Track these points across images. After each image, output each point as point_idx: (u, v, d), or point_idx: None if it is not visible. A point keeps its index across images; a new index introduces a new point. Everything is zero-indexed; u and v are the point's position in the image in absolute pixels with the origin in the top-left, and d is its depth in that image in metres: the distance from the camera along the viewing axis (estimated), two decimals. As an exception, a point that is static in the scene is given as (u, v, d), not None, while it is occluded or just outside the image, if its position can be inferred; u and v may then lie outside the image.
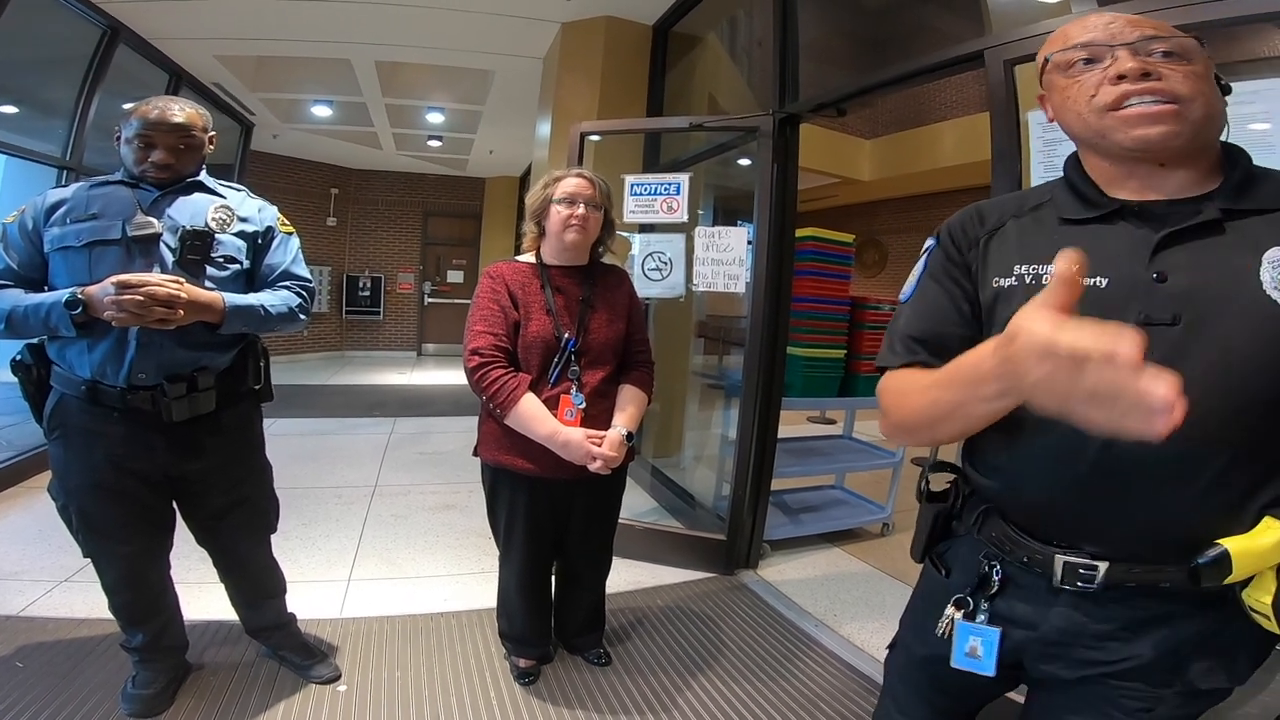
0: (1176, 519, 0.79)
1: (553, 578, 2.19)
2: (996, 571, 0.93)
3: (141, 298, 1.45)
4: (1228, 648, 0.83)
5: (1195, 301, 0.77)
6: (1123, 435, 0.58)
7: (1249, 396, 0.76)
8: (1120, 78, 0.81)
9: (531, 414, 1.76)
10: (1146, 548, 0.82)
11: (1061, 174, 0.95)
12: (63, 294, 1.49)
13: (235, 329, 1.66)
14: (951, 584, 0.98)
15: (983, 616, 0.93)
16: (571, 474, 1.83)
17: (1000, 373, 0.66)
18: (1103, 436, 0.64)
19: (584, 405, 1.84)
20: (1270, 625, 0.77)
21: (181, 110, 1.65)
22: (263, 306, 1.69)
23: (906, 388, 0.89)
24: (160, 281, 1.48)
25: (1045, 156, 1.71)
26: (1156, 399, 0.54)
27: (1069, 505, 0.85)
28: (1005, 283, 0.89)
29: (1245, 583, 0.78)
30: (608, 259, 2.09)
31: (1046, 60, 0.91)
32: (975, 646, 0.93)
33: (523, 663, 2.11)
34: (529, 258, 1.96)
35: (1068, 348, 0.57)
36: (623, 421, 1.88)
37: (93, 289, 1.49)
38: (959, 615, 0.94)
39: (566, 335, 1.85)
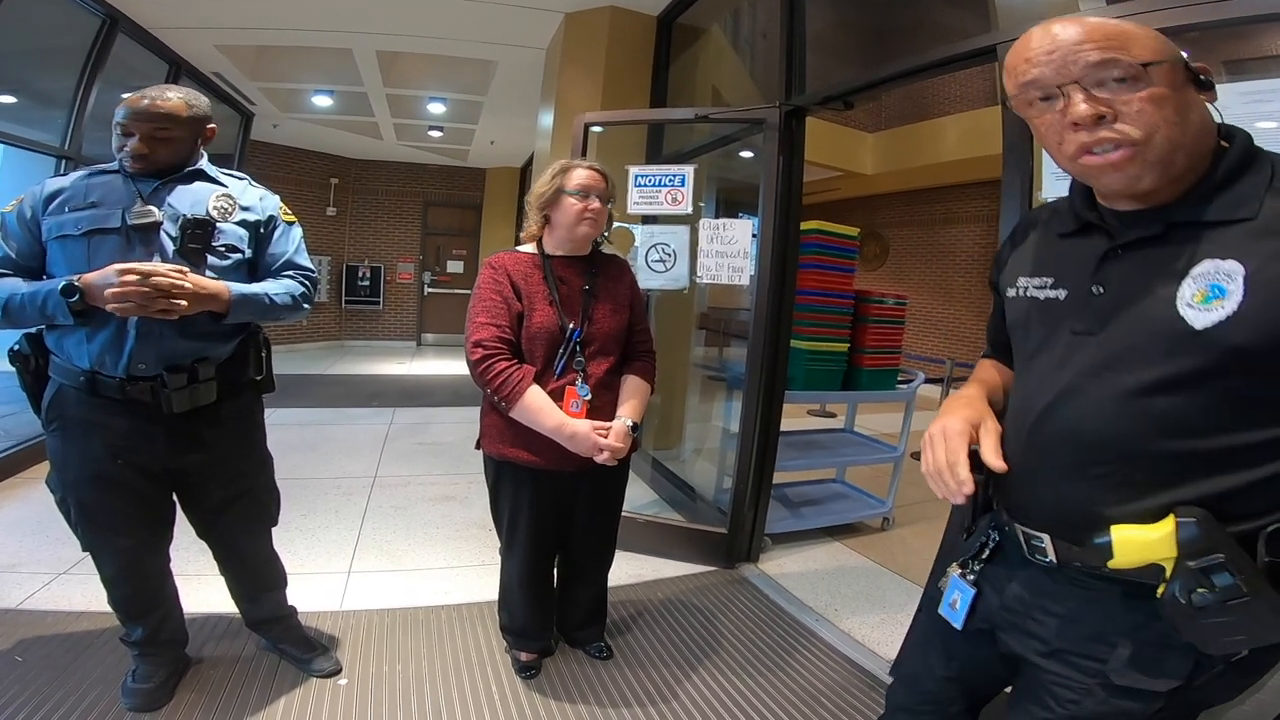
0: (1077, 500, 0.87)
1: (554, 570, 2.18)
2: (992, 539, 1.03)
3: (147, 288, 1.43)
4: (1153, 643, 0.83)
5: (1115, 314, 0.84)
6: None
7: (1145, 404, 0.80)
8: (1076, 125, 0.79)
9: (538, 406, 1.75)
10: (1061, 525, 0.89)
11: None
12: (59, 281, 1.47)
13: (240, 319, 1.65)
14: (966, 546, 1.08)
15: (971, 576, 1.03)
16: (576, 466, 1.83)
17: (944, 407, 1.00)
18: (1042, 404, 0.89)
19: (589, 396, 1.83)
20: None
21: (172, 100, 1.61)
22: (267, 295, 1.68)
23: (976, 374, 1.15)
24: (165, 271, 1.46)
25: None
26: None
27: (1019, 470, 0.91)
28: (1010, 294, 1.02)
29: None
30: (608, 249, 2.07)
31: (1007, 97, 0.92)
32: (956, 600, 1.04)
33: (524, 656, 2.10)
34: (530, 248, 1.95)
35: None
36: (627, 412, 1.88)
37: (91, 276, 1.46)
38: (958, 572, 1.05)
39: (571, 326, 1.84)
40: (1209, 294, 0.75)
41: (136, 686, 1.79)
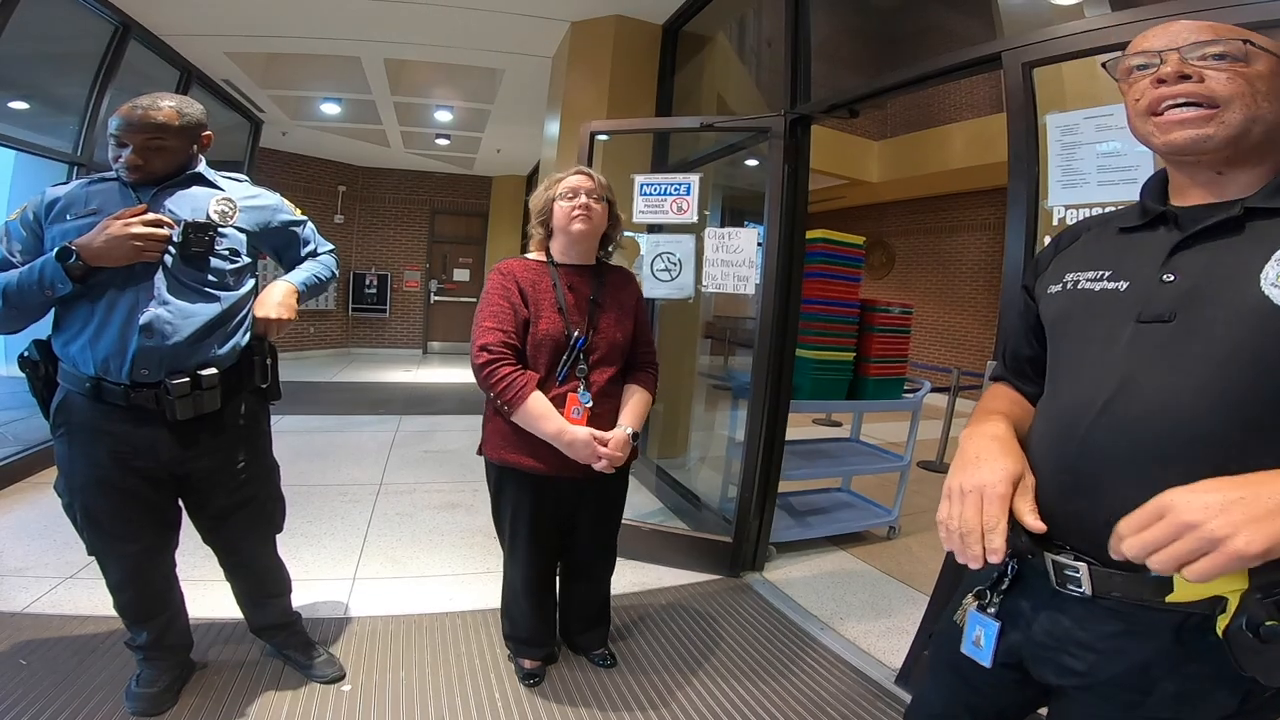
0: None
1: (557, 577, 2.19)
2: (1011, 568, 0.96)
3: (145, 227, 1.52)
4: (1204, 677, 0.79)
5: (1193, 299, 0.80)
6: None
7: (1226, 387, 0.76)
8: (1161, 81, 0.82)
9: (539, 412, 1.77)
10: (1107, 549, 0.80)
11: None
12: (54, 251, 1.49)
13: (304, 302, 1.87)
14: (980, 576, 0.99)
15: (992, 609, 0.96)
16: (577, 472, 1.84)
17: (968, 438, 0.95)
18: (1104, 397, 0.83)
19: (591, 404, 1.85)
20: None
21: (164, 109, 1.61)
22: (317, 277, 1.93)
23: (987, 402, 1.09)
24: (156, 219, 1.55)
25: (1064, 160, 1.69)
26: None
27: (1059, 490, 0.86)
28: (1053, 289, 0.98)
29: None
30: (617, 258, 2.08)
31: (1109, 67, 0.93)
32: (979, 636, 0.97)
33: (528, 663, 2.10)
34: (539, 256, 1.97)
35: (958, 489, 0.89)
36: (628, 421, 1.90)
37: (84, 238, 1.50)
38: (974, 605, 0.98)
39: (576, 334, 1.86)
40: None
41: (141, 691, 1.79)
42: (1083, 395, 0.86)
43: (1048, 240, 1.60)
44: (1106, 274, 0.91)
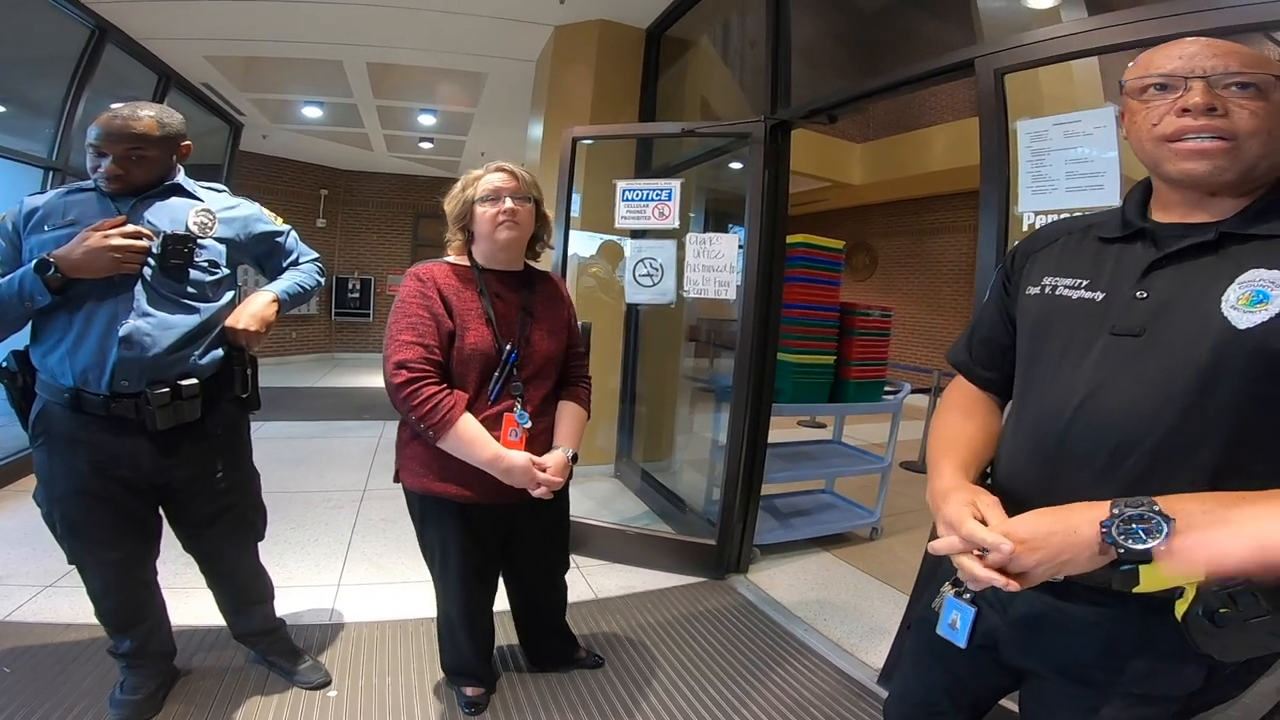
0: None
1: (511, 603, 2.11)
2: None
3: (124, 239, 1.52)
4: (1170, 654, 0.85)
5: (1161, 316, 0.85)
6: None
7: (1184, 401, 0.81)
8: (1185, 110, 0.84)
9: (471, 437, 1.60)
10: None
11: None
12: (32, 262, 1.49)
13: (286, 312, 1.86)
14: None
15: (968, 595, 1.00)
16: (511, 498, 1.69)
17: (932, 501, 0.98)
18: (1075, 401, 0.89)
19: (529, 424, 1.70)
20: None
21: (144, 119, 1.60)
22: (300, 286, 1.93)
23: (943, 420, 1.13)
24: (135, 230, 1.55)
25: (1034, 166, 1.73)
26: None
27: (1036, 480, 0.92)
28: (1031, 291, 1.02)
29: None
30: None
31: (1123, 83, 0.94)
32: (956, 619, 1.01)
33: (470, 691, 1.97)
34: (461, 260, 1.78)
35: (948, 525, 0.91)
36: (566, 441, 1.77)
37: (62, 250, 1.50)
38: (951, 591, 1.02)
39: (509, 347, 1.69)
40: (1253, 298, 0.79)
41: (125, 698, 1.79)
42: (1058, 398, 0.92)
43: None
44: (1084, 283, 0.95)
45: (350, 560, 2.98)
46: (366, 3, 4.21)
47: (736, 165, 3.90)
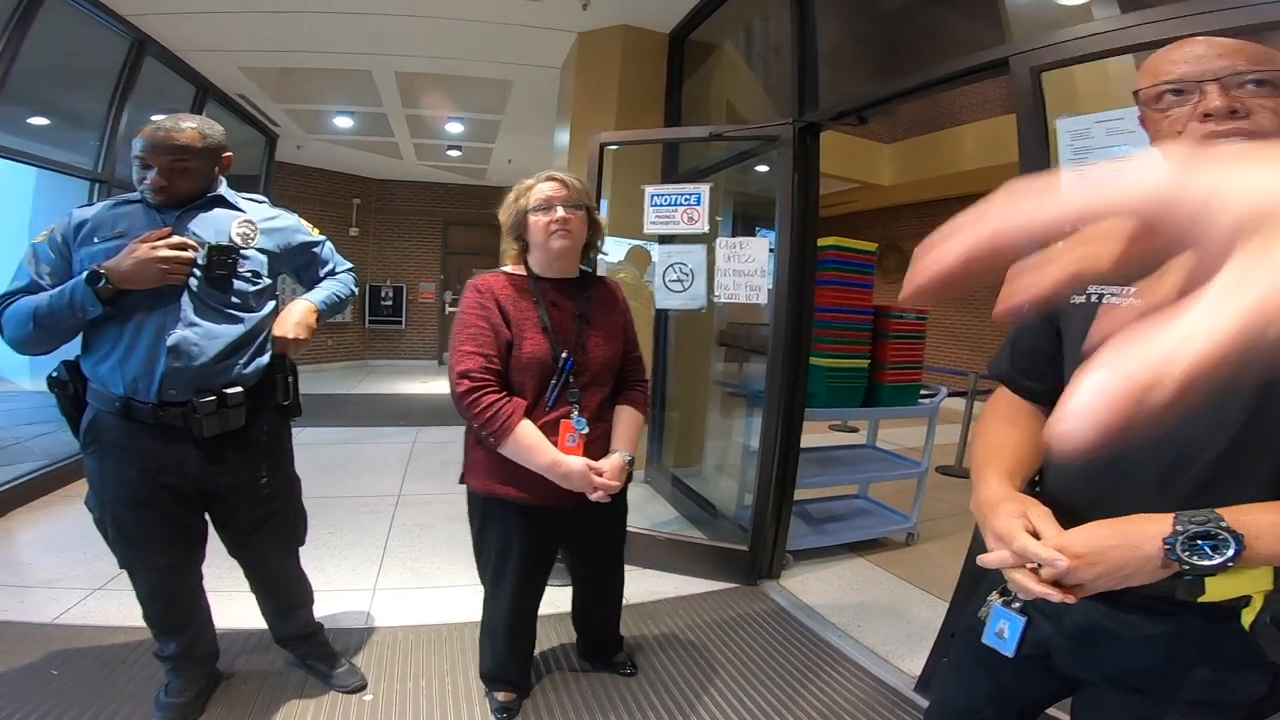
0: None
1: (573, 599, 2.18)
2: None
3: (170, 250, 1.54)
4: (1234, 662, 0.83)
5: None
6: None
7: (1240, 407, 0.79)
8: (1207, 116, 0.82)
9: (530, 443, 1.64)
10: None
11: None
12: (83, 274, 1.53)
13: (324, 321, 1.90)
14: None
15: (1017, 605, 0.98)
16: (569, 501, 1.72)
17: (978, 511, 0.93)
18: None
19: (586, 431, 1.73)
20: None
21: (186, 131, 1.64)
22: (337, 295, 1.96)
23: (987, 429, 1.08)
24: (181, 240, 1.59)
25: (1076, 165, 1.68)
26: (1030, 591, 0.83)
27: (1089, 492, 0.90)
28: (1077, 299, 0.98)
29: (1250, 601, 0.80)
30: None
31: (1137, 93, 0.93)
32: (1003, 628, 1.00)
33: (502, 697, 1.99)
34: (517, 269, 1.82)
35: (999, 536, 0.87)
36: (622, 445, 1.79)
37: (112, 261, 1.53)
38: (999, 601, 1.00)
39: (564, 355, 1.72)
40: None
41: (169, 701, 1.83)
42: None
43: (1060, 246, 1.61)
44: (1131, 290, 0.91)
45: (386, 565, 3.02)
46: (393, 12, 4.29)
47: (762, 168, 3.88)
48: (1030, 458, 1.02)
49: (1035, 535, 0.84)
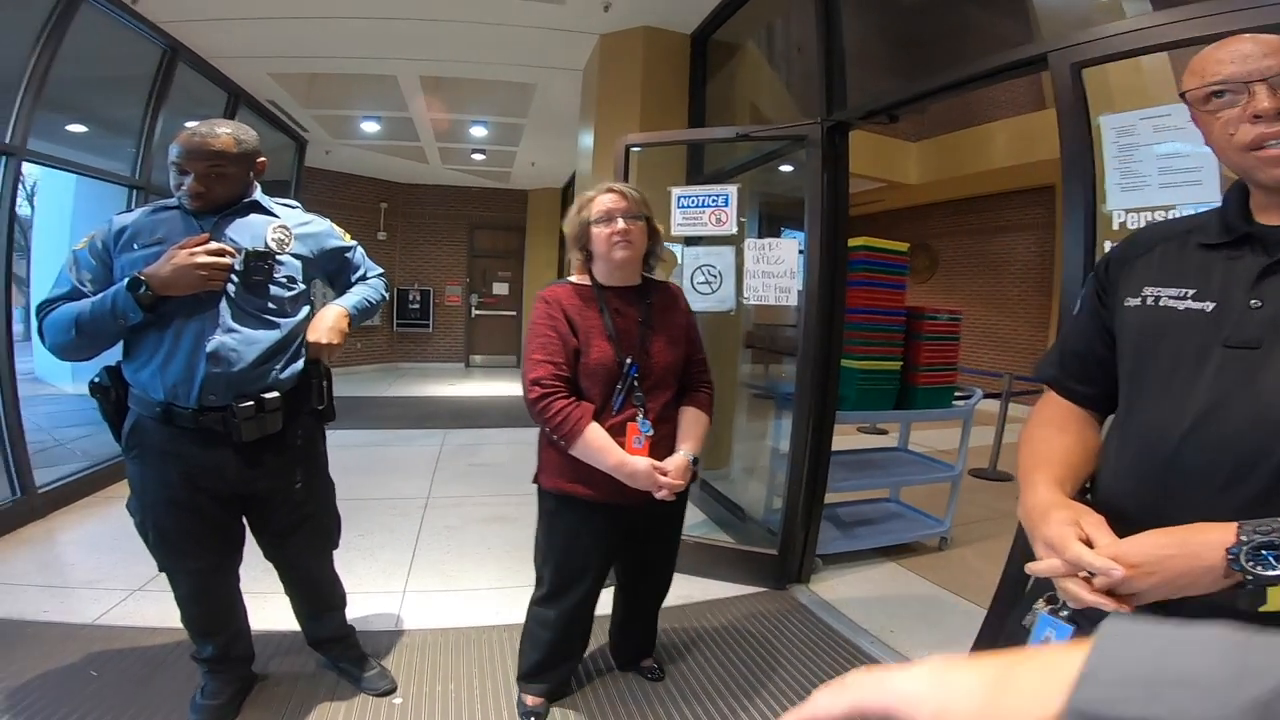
0: None
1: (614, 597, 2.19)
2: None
3: (208, 256, 1.56)
4: None
5: (1278, 326, 0.81)
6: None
7: None
8: (1257, 117, 0.81)
9: (598, 445, 1.73)
10: None
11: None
12: (124, 281, 1.55)
13: (356, 325, 1.93)
14: (1051, 580, 1.02)
15: (1065, 613, 0.95)
16: (635, 499, 1.79)
17: (1026, 518, 0.92)
18: (1189, 420, 0.83)
19: (651, 433, 1.79)
20: None
21: (221, 136, 1.65)
22: (367, 300, 1.98)
23: (1034, 434, 1.05)
24: (219, 248, 1.60)
25: (1122, 162, 1.64)
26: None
27: (1145, 499, 0.87)
28: (1131, 302, 0.97)
29: None
30: (657, 272, 2.06)
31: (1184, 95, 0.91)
32: (1050, 636, 0.96)
33: (530, 701, 2.01)
34: (582, 280, 1.90)
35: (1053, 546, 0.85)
36: (687, 446, 1.84)
37: (152, 268, 1.55)
38: (1045, 609, 0.97)
39: (628, 360, 1.79)
40: None
41: (205, 703, 1.86)
42: (1169, 414, 0.87)
43: (1108, 245, 1.57)
44: (1190, 292, 0.90)
45: (415, 567, 3.04)
46: (417, 17, 4.33)
47: (786, 168, 3.84)
48: (1081, 463, 0.99)
49: (1088, 543, 0.82)
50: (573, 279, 1.91)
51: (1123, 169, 1.63)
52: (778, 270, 2.83)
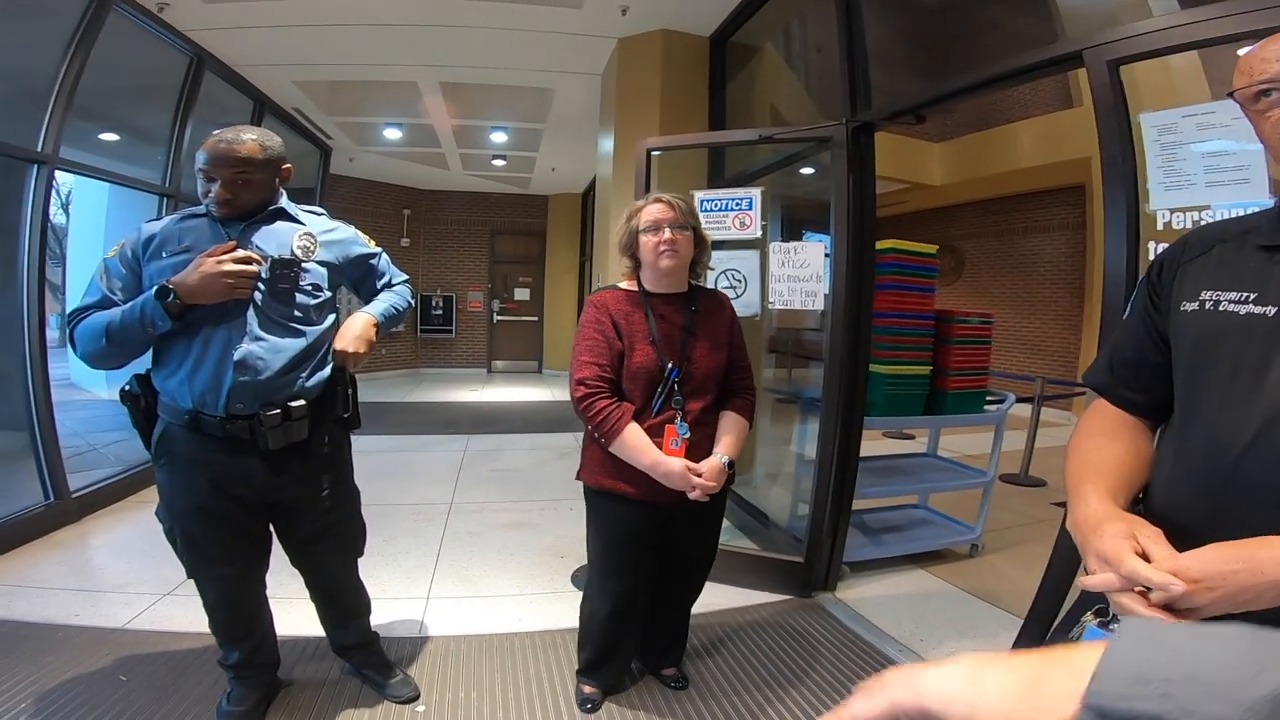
0: None
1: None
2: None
3: (236, 265, 1.56)
4: None
5: None
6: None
7: None
8: None
9: (635, 444, 1.79)
10: None
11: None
12: (152, 290, 1.55)
13: (384, 334, 1.92)
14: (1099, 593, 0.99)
15: (1115, 625, 0.91)
16: (672, 499, 1.83)
17: (1077, 531, 0.89)
18: (1254, 429, 0.80)
19: (688, 435, 1.84)
20: None
21: (247, 143, 1.65)
22: (394, 308, 1.97)
23: (1084, 443, 1.01)
24: (245, 254, 1.60)
25: (1164, 161, 1.59)
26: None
27: (1204, 511, 0.84)
28: (1188, 306, 0.93)
29: None
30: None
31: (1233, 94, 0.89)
32: None
33: (587, 689, 2.09)
34: (630, 286, 1.96)
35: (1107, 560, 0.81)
36: (724, 449, 1.87)
37: (179, 276, 1.56)
38: (1094, 621, 0.94)
39: (670, 365, 1.84)
40: None
41: (231, 709, 1.86)
42: (1230, 424, 0.83)
43: (1153, 246, 1.52)
44: (1251, 296, 0.86)
45: (439, 574, 3.04)
46: (437, 24, 4.35)
47: (807, 171, 3.79)
48: (1134, 474, 0.94)
49: (1144, 556, 0.78)
50: (622, 285, 1.98)
51: (1166, 168, 1.58)
52: (804, 274, 2.79)
